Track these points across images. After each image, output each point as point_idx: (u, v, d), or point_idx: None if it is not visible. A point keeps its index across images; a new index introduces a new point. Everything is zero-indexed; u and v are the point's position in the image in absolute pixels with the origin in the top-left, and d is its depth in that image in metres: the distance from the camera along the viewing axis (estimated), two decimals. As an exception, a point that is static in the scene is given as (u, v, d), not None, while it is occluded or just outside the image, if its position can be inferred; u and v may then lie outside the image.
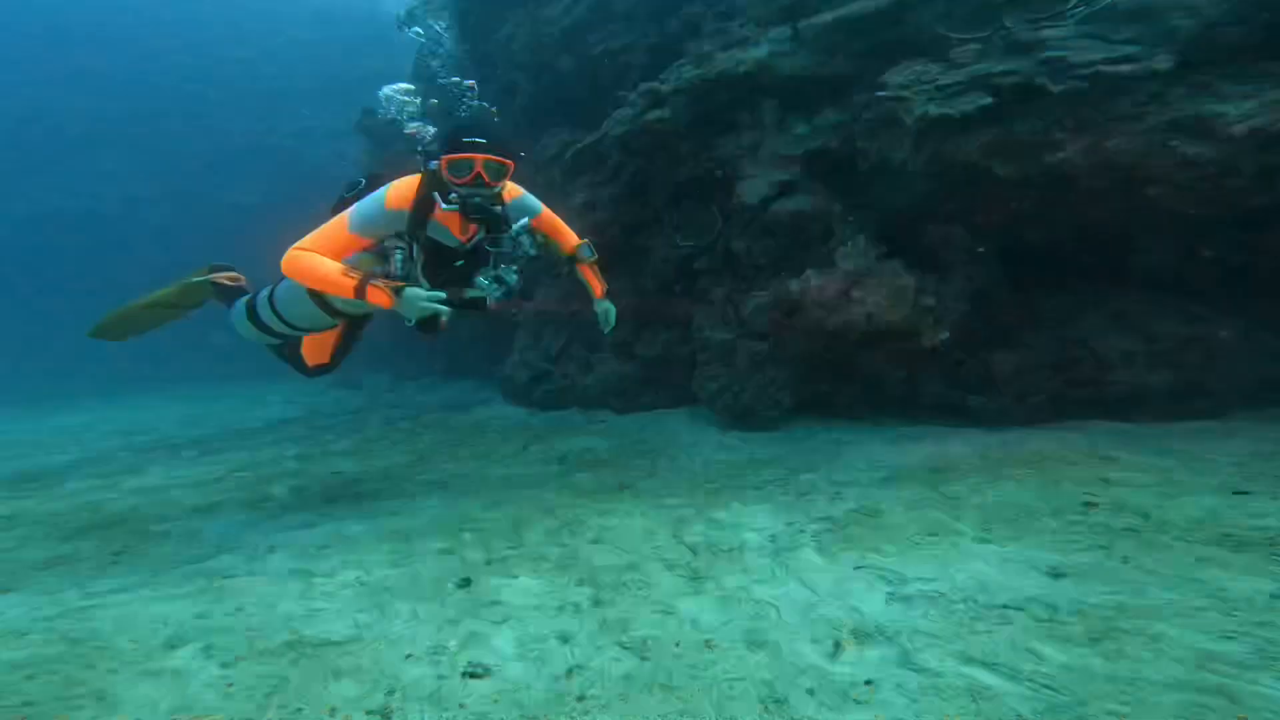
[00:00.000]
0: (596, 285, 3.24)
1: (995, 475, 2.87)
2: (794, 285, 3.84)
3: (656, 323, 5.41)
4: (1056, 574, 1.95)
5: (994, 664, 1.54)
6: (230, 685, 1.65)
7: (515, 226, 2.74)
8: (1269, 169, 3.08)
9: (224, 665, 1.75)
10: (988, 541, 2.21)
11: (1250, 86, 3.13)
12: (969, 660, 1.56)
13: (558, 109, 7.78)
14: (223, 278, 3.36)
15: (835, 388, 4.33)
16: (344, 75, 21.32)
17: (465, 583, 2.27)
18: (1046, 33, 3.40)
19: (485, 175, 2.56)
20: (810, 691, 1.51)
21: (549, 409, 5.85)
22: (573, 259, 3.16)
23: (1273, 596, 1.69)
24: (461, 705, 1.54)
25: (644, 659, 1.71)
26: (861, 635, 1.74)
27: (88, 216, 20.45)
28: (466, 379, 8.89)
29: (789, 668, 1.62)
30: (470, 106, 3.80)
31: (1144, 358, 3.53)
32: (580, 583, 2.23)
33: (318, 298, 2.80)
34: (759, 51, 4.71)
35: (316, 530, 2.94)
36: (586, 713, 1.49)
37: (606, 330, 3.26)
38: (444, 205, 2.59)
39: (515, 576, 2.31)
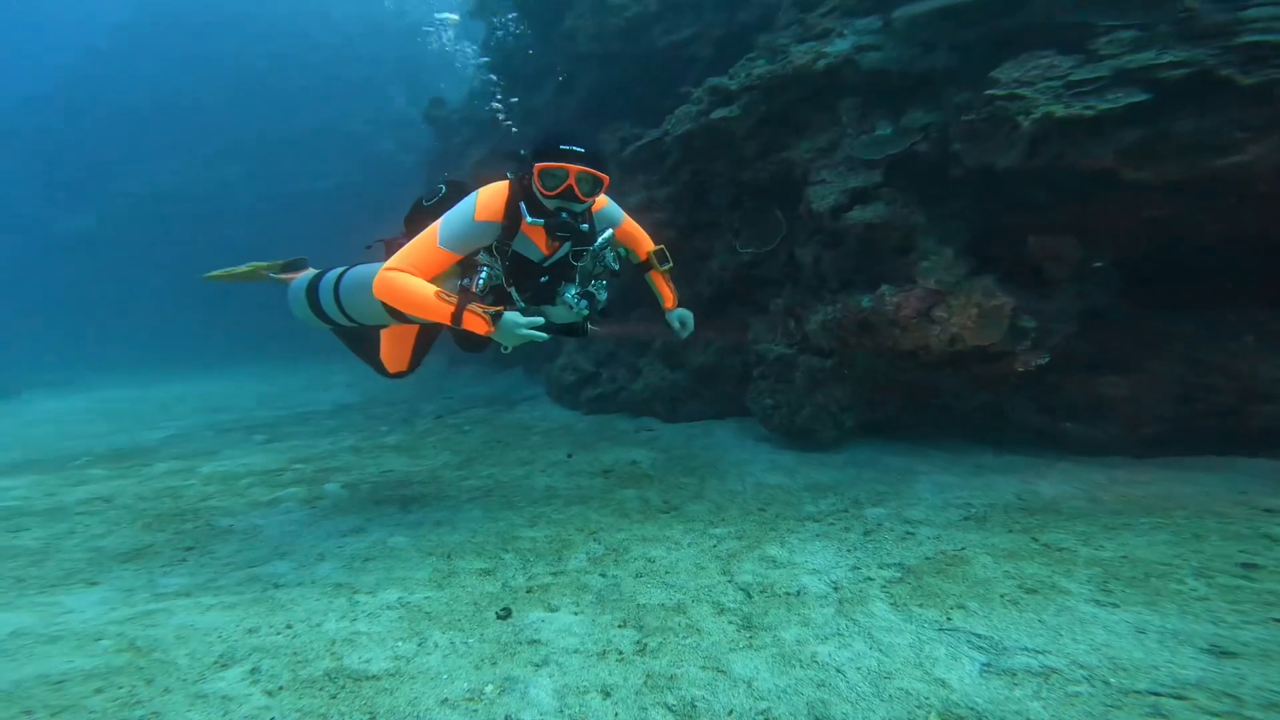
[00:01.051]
0: (668, 295, 3.05)
1: (1110, 523, 2.49)
2: (866, 301, 3.54)
3: (709, 330, 5.21)
4: (1221, 652, 1.59)
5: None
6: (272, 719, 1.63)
7: (599, 240, 2.57)
8: None
9: (268, 693, 1.74)
10: (1110, 605, 1.87)
11: None
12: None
13: (619, 102, 7.63)
14: (287, 277, 3.37)
15: (905, 409, 4.01)
16: (417, 63, 21.96)
17: (505, 613, 2.20)
18: (1254, 12, 2.86)
19: (578, 189, 2.37)
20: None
21: (595, 412, 5.78)
22: (646, 265, 2.97)
23: None
24: (495, 770, 1.45)
25: (693, 730, 1.57)
26: (955, 719, 1.49)
27: (183, 197, 22.00)
28: (516, 368, 8.96)
29: (862, 763, 1.44)
30: (506, 30, 3.68)
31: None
32: (623, 624, 2.11)
33: None
34: (842, 45, 4.35)
35: (363, 538, 2.96)
36: (627, 796, 1.37)
37: (685, 335, 3.04)
38: (529, 219, 2.41)
39: (555, 610, 2.22)
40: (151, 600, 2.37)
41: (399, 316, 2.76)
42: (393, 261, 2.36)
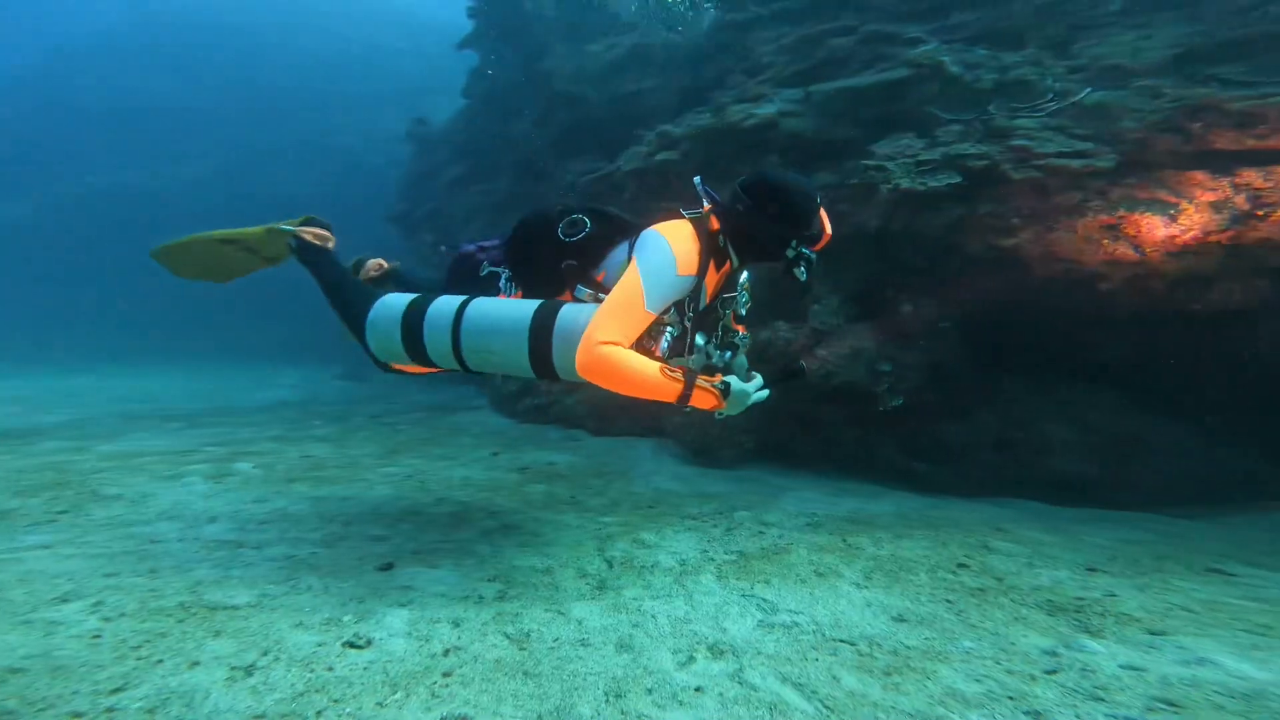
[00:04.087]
0: None
1: (900, 533, 3.01)
2: (763, 334, 3.99)
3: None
4: (899, 619, 2.10)
5: (801, 684, 1.69)
6: (98, 637, 1.71)
7: (741, 282, 2.34)
8: (1190, 276, 3.22)
9: (105, 619, 1.81)
10: (864, 587, 2.36)
11: (1181, 193, 3.35)
12: (784, 680, 1.71)
13: (588, 139, 8.18)
14: (309, 233, 2.90)
15: (796, 438, 4.42)
16: (414, 82, 22.53)
17: (387, 566, 2.37)
18: (1020, 122, 3.60)
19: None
20: (649, 690, 1.64)
21: (530, 421, 6.00)
22: None
23: (1043, 652, 1.86)
24: (329, 669, 1.64)
25: (521, 649, 1.80)
26: (716, 651, 1.87)
27: (145, 192, 21.66)
28: (470, 383, 9.08)
29: (641, 670, 1.73)
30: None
31: (1078, 447, 3.77)
32: (493, 579, 2.31)
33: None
34: (769, 109, 4.98)
35: (264, 506, 3.07)
36: (447, 687, 1.59)
37: None
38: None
39: (436, 567, 2.40)
40: (3, 553, 2.32)
41: (544, 370, 2.19)
42: (604, 332, 1.94)
